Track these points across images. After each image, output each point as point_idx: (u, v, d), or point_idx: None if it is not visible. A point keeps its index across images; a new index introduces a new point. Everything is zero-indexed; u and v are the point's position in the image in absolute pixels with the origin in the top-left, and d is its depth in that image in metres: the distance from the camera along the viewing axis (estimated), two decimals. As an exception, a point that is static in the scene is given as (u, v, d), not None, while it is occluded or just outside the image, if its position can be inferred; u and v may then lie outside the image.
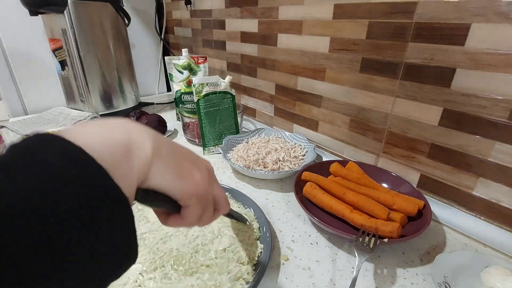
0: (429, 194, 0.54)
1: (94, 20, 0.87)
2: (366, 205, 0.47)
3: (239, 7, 0.85)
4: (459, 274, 0.38)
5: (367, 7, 0.54)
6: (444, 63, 0.46)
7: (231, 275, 0.37)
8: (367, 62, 0.57)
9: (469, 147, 0.47)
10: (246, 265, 0.39)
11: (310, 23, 0.66)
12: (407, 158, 0.56)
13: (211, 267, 0.38)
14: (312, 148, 0.68)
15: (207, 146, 0.75)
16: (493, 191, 0.46)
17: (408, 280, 0.40)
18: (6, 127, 0.87)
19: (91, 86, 0.91)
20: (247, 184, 0.62)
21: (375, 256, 0.44)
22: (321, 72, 0.67)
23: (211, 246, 0.41)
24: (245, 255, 0.40)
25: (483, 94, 0.43)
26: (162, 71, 1.35)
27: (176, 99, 0.92)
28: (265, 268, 0.38)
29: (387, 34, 0.52)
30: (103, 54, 0.92)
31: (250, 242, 0.43)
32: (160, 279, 0.36)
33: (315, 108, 0.72)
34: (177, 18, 1.20)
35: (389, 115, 0.56)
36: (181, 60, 0.87)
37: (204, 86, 0.72)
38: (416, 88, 0.51)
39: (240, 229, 0.45)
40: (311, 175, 0.55)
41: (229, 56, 0.97)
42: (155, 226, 0.44)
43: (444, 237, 0.48)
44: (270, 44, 0.79)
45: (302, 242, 0.46)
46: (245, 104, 0.98)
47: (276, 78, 0.81)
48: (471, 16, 0.42)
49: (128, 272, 0.36)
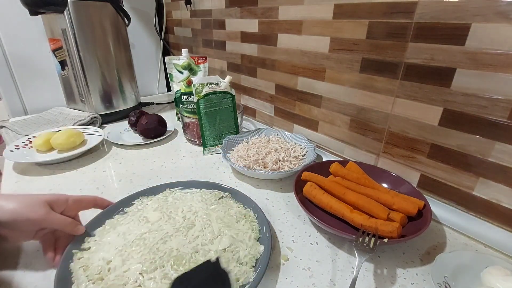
0: (429, 194, 0.54)
1: (94, 20, 0.87)
2: (366, 205, 0.47)
3: (239, 7, 0.85)
4: (459, 274, 0.37)
5: (367, 7, 0.54)
6: (444, 63, 0.46)
7: (231, 275, 0.37)
8: (367, 62, 0.57)
9: (469, 147, 0.47)
10: (246, 266, 0.39)
11: (310, 23, 0.66)
12: (407, 158, 0.56)
13: None
14: (312, 148, 0.68)
15: (207, 146, 0.75)
16: (493, 191, 0.46)
17: (408, 280, 0.40)
18: (6, 127, 0.87)
19: (91, 86, 0.91)
20: (247, 184, 0.62)
21: (375, 256, 0.44)
22: (321, 72, 0.67)
23: (211, 246, 0.41)
24: (245, 255, 0.40)
25: (483, 94, 0.43)
26: (162, 71, 1.35)
27: (176, 99, 0.92)
28: (265, 269, 0.38)
29: (387, 34, 0.52)
30: (103, 54, 0.92)
31: (250, 243, 0.43)
32: (160, 279, 0.36)
33: (315, 108, 0.72)
34: (177, 18, 1.20)
35: (389, 115, 0.56)
36: (181, 60, 0.87)
37: (204, 86, 0.72)
38: (416, 88, 0.51)
39: (240, 229, 0.45)
40: (311, 175, 0.55)
41: (229, 56, 0.97)
42: (155, 226, 0.44)
43: (444, 237, 0.48)
44: (270, 44, 0.79)
45: (302, 242, 0.46)
46: (245, 104, 0.98)
47: (276, 78, 0.81)
48: (471, 16, 0.42)
49: (128, 272, 0.36)
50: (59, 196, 0.42)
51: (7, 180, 0.64)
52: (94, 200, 0.47)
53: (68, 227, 0.41)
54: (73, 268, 0.38)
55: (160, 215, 0.47)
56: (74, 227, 0.42)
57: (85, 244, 0.42)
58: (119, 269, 0.37)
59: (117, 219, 0.47)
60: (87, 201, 0.46)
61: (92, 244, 0.42)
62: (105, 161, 0.72)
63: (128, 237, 0.42)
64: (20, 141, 0.76)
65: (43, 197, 0.40)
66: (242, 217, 0.48)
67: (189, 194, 0.54)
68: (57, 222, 0.40)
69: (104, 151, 0.78)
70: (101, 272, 0.37)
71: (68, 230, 0.41)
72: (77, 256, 0.40)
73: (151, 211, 0.48)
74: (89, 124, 0.91)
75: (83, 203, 0.45)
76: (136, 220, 0.46)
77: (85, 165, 0.70)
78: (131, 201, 0.51)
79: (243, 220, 0.47)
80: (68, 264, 0.39)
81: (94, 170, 0.68)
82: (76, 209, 0.44)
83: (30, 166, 0.69)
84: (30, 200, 0.39)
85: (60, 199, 0.42)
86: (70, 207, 0.43)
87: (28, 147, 0.74)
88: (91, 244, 0.42)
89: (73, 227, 0.42)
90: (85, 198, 0.46)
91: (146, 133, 0.82)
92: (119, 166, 0.70)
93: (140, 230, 0.43)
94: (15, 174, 0.66)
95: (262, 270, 0.38)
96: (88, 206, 0.47)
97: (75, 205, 0.44)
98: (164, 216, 0.47)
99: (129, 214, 0.48)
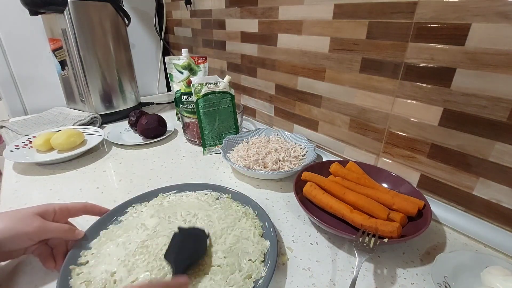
0: (429, 194, 0.54)
1: (94, 20, 0.87)
2: (366, 205, 0.47)
3: (239, 7, 0.85)
4: (459, 274, 0.37)
5: (367, 7, 0.54)
6: (444, 63, 0.46)
7: (242, 272, 0.37)
8: (367, 62, 0.57)
9: (469, 147, 0.47)
10: (255, 262, 0.39)
11: (310, 23, 0.66)
12: (407, 158, 0.56)
13: (222, 267, 0.38)
14: (312, 148, 0.68)
15: (207, 146, 0.75)
16: (493, 191, 0.46)
17: (408, 280, 0.40)
18: (6, 127, 0.87)
19: (91, 86, 0.91)
20: (247, 184, 0.62)
21: (375, 256, 0.44)
22: (321, 72, 0.67)
23: (217, 247, 0.41)
24: (253, 251, 0.41)
25: (483, 94, 0.43)
26: (162, 71, 1.35)
27: (176, 99, 0.92)
28: (275, 262, 0.38)
29: (387, 34, 0.52)
30: (103, 54, 0.92)
31: (255, 239, 0.43)
32: None
33: (315, 108, 0.72)
34: (177, 18, 1.20)
35: (389, 115, 0.56)
36: (181, 60, 0.88)
37: (203, 86, 0.72)
38: (416, 88, 0.51)
39: (243, 227, 0.45)
40: (311, 175, 0.55)
41: (229, 56, 0.97)
42: (154, 232, 0.44)
43: (444, 237, 0.48)
44: (270, 44, 0.79)
45: (302, 242, 0.46)
46: (245, 104, 0.98)
47: (276, 78, 0.81)
48: (471, 16, 0.42)
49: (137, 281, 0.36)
50: (46, 206, 0.41)
51: (7, 180, 0.64)
52: (84, 207, 0.45)
53: (67, 233, 0.40)
54: (73, 284, 0.36)
55: (159, 221, 0.46)
56: (73, 232, 0.41)
57: (82, 259, 0.40)
58: (126, 279, 0.36)
59: (112, 229, 0.45)
60: (75, 208, 0.44)
61: (90, 257, 0.40)
62: (105, 161, 0.72)
63: (129, 246, 0.41)
64: (20, 141, 0.76)
65: (31, 209, 0.39)
66: (243, 215, 0.48)
67: (184, 197, 0.53)
68: (55, 230, 0.39)
69: (104, 151, 0.78)
70: (106, 286, 0.36)
71: (67, 236, 0.41)
72: (75, 272, 0.38)
73: (148, 218, 0.47)
74: (89, 124, 0.91)
75: (72, 210, 0.44)
76: (133, 228, 0.45)
77: (85, 165, 0.70)
78: (124, 209, 0.49)
79: (244, 218, 0.48)
80: (67, 282, 0.36)
81: (94, 170, 0.68)
82: (65, 217, 0.43)
83: (30, 166, 0.69)
84: (20, 215, 0.37)
85: (48, 209, 0.40)
86: (58, 216, 0.41)
87: (28, 147, 0.74)
88: (89, 257, 0.40)
89: (72, 232, 0.41)
90: (72, 206, 0.44)
91: (146, 133, 0.82)
92: (119, 166, 0.70)
93: (140, 238, 0.43)
94: (15, 174, 0.66)
95: (273, 264, 0.38)
96: (78, 214, 0.45)
97: (63, 213, 0.42)
98: (163, 222, 0.46)
99: (124, 223, 0.47)
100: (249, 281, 0.37)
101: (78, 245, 0.42)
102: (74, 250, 0.41)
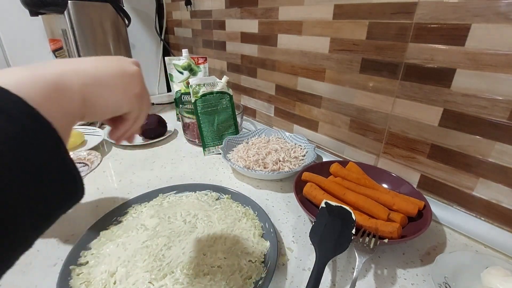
0: (429, 195, 0.54)
1: (94, 21, 0.87)
2: (366, 206, 0.47)
3: (239, 7, 0.85)
4: (459, 275, 0.37)
5: (367, 7, 0.54)
6: (444, 64, 0.46)
7: (242, 273, 0.37)
8: (367, 63, 0.57)
9: (469, 147, 0.47)
10: (255, 262, 0.39)
11: (310, 24, 0.66)
12: (407, 159, 0.56)
13: (222, 267, 0.38)
14: (312, 148, 0.68)
15: (207, 146, 0.75)
16: (493, 192, 0.46)
17: (408, 280, 0.40)
18: (6, 127, 0.87)
19: (91, 86, 0.91)
20: (247, 185, 0.62)
21: (375, 257, 0.44)
22: (321, 73, 0.67)
23: (217, 247, 0.41)
24: (252, 252, 0.41)
25: (483, 94, 0.43)
26: (162, 71, 1.35)
27: (176, 100, 0.92)
28: (276, 263, 0.38)
29: (387, 35, 0.52)
30: (103, 54, 0.91)
31: (255, 240, 0.43)
32: (172, 285, 0.35)
33: (315, 109, 0.72)
34: (177, 19, 1.20)
35: (389, 116, 0.56)
36: (181, 61, 0.88)
37: (201, 87, 0.72)
38: (416, 88, 0.51)
39: (243, 227, 0.45)
40: (311, 176, 0.55)
41: (229, 56, 0.97)
42: (154, 233, 0.44)
43: (444, 237, 0.48)
44: (270, 44, 0.79)
45: (302, 242, 0.46)
46: (245, 104, 0.98)
47: (276, 79, 0.81)
48: (471, 16, 0.42)
49: (136, 282, 0.35)
50: None
51: (7, 180, 0.64)
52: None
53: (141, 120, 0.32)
54: (73, 285, 0.36)
55: (158, 221, 0.46)
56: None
57: (82, 259, 0.40)
58: (126, 280, 0.36)
59: (112, 229, 0.45)
60: None
61: (90, 258, 0.40)
62: (105, 161, 0.72)
63: (129, 247, 0.41)
64: (20, 142, 0.76)
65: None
66: (243, 215, 0.48)
67: (184, 197, 0.53)
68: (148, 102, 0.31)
69: (104, 151, 0.78)
70: (106, 286, 0.36)
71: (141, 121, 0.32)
72: (75, 272, 0.38)
73: (148, 218, 0.47)
74: (89, 124, 0.91)
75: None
76: (133, 228, 0.45)
77: (85, 166, 0.70)
78: (124, 210, 0.50)
79: (244, 218, 0.48)
80: (67, 282, 0.36)
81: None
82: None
83: (30, 167, 0.69)
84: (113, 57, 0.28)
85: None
86: None
87: (28, 148, 0.74)
88: (89, 258, 0.40)
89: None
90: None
91: (146, 133, 0.82)
92: (119, 166, 0.70)
93: (140, 238, 0.43)
94: (15, 175, 0.66)
95: (273, 264, 0.38)
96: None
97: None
98: (163, 222, 0.46)
99: (124, 223, 0.47)
100: (249, 281, 0.37)
101: (78, 245, 0.42)
102: (74, 250, 0.41)
